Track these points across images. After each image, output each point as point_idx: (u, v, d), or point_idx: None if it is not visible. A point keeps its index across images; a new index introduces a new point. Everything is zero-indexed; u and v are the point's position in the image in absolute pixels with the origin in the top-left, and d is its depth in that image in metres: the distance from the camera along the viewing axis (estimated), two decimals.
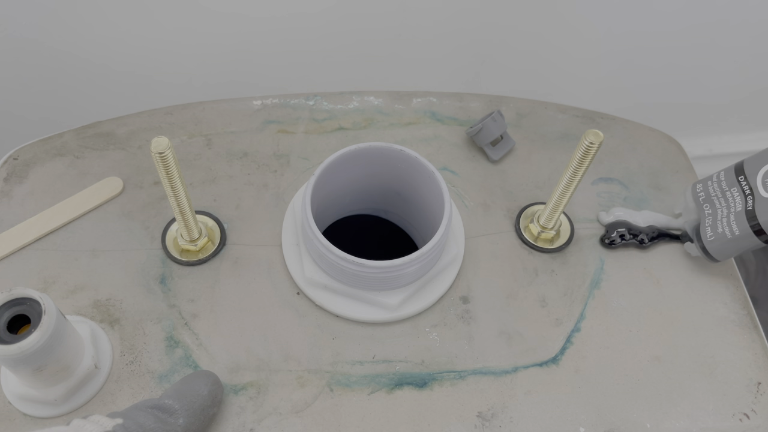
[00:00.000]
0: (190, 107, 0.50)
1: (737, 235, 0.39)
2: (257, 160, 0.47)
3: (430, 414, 0.37)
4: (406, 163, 0.42)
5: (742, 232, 0.39)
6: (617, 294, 0.43)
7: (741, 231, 0.39)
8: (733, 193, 0.40)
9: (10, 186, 0.45)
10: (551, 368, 0.39)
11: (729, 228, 0.39)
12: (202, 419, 0.34)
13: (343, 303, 0.40)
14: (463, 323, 0.41)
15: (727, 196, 0.40)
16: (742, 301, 0.43)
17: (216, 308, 0.41)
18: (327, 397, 0.38)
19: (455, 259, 0.42)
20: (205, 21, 0.65)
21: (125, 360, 0.38)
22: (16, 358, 0.31)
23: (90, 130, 0.48)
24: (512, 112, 0.51)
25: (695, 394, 0.39)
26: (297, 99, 0.51)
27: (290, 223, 0.43)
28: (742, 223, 0.39)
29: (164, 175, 0.36)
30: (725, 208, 0.40)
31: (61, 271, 0.41)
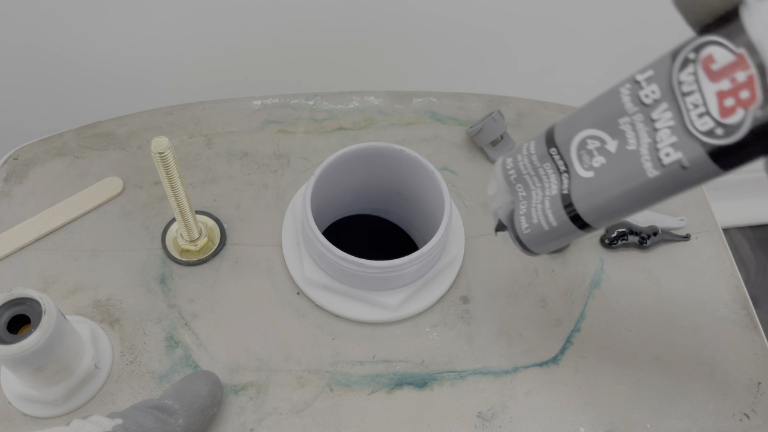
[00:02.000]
0: (190, 107, 0.50)
1: (555, 227, 0.30)
2: (257, 160, 0.47)
3: (430, 414, 0.37)
4: (406, 163, 0.42)
5: (559, 223, 0.30)
6: (617, 294, 0.43)
7: (558, 221, 0.30)
8: (547, 170, 0.31)
9: (10, 186, 0.45)
10: (551, 368, 0.39)
11: (544, 217, 0.31)
12: (202, 419, 0.34)
13: (343, 303, 0.40)
14: (463, 323, 0.41)
15: (541, 175, 0.31)
16: (742, 301, 0.43)
17: (216, 308, 0.41)
18: (327, 397, 0.38)
19: (455, 259, 0.42)
20: (205, 21, 0.65)
21: (125, 360, 0.38)
22: (16, 358, 0.31)
23: (90, 130, 0.48)
24: (512, 112, 0.51)
25: (695, 394, 0.39)
26: (297, 99, 0.51)
27: (290, 223, 0.43)
28: (558, 211, 0.30)
29: (164, 175, 0.36)
30: (540, 189, 0.31)
31: (61, 271, 0.41)
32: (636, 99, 0.27)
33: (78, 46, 0.65)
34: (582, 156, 0.29)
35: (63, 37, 0.64)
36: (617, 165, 0.28)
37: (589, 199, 0.29)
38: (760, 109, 0.22)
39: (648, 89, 0.26)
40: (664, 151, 0.26)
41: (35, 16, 0.62)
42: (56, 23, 0.63)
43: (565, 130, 0.30)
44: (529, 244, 0.33)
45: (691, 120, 0.25)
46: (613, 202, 0.28)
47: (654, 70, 0.26)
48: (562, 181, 0.30)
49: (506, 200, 0.34)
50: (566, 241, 0.31)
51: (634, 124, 0.27)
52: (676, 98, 0.25)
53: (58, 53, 0.66)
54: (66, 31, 0.64)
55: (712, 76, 0.24)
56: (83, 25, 0.63)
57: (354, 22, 0.68)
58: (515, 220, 0.33)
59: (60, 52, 0.66)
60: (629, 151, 0.27)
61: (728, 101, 0.23)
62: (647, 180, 0.26)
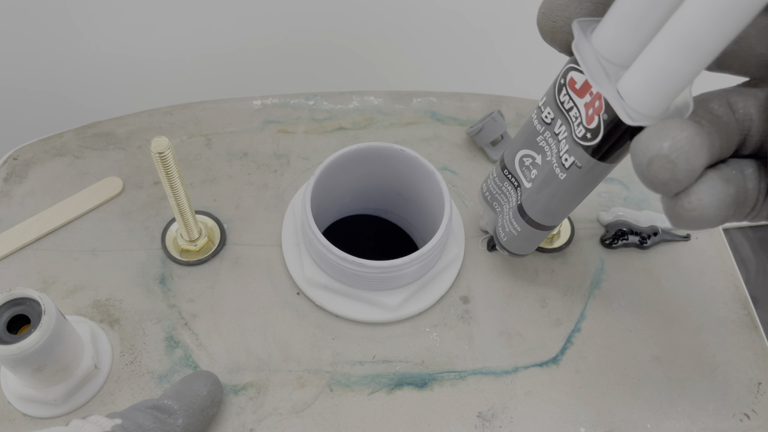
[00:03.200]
0: (190, 107, 0.50)
1: (521, 232, 0.37)
2: (257, 160, 0.47)
3: (430, 414, 0.37)
4: (406, 163, 0.42)
5: (522, 228, 0.37)
6: (617, 294, 0.43)
7: (521, 227, 0.37)
8: (507, 188, 0.38)
9: (10, 186, 0.45)
10: (551, 368, 0.39)
11: (512, 225, 0.38)
12: (202, 419, 0.34)
13: (343, 303, 0.40)
14: (463, 323, 0.41)
15: (505, 192, 0.38)
16: (743, 301, 0.43)
17: (216, 308, 0.41)
18: (327, 397, 0.38)
19: (455, 259, 0.42)
20: (205, 21, 0.65)
21: (125, 360, 0.38)
22: (16, 358, 0.31)
23: (90, 130, 0.48)
24: (512, 112, 0.51)
25: (695, 394, 0.39)
26: (297, 99, 0.51)
27: (290, 223, 0.43)
28: (518, 218, 0.37)
29: (164, 175, 0.36)
30: (507, 204, 0.38)
31: (61, 271, 0.41)
32: (541, 120, 0.33)
33: (78, 46, 0.65)
34: (524, 171, 0.36)
35: (63, 37, 0.64)
36: (543, 173, 0.34)
37: (533, 203, 0.35)
38: (605, 113, 0.28)
39: (545, 111, 0.33)
40: (564, 156, 0.32)
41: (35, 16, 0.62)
42: (56, 23, 0.63)
43: (510, 154, 0.37)
44: (510, 249, 0.40)
45: (574, 130, 0.31)
46: (546, 203, 0.35)
47: (546, 96, 0.33)
48: (517, 194, 0.37)
49: (491, 217, 0.41)
50: (534, 240, 0.38)
51: (547, 140, 0.33)
52: (564, 114, 0.31)
53: (58, 53, 0.66)
54: (66, 31, 0.64)
55: (578, 93, 0.30)
56: (83, 25, 0.63)
57: (354, 22, 0.68)
58: (497, 232, 0.40)
59: (60, 52, 0.66)
60: (548, 161, 0.33)
61: (590, 111, 0.29)
62: (560, 181, 0.33)
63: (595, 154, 0.30)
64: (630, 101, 0.27)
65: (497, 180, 0.39)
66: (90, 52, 0.66)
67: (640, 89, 0.26)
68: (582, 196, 0.33)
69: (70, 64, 0.67)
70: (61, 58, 0.66)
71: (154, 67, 0.69)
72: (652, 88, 0.26)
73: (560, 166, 0.32)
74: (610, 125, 0.28)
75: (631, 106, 0.27)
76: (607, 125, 0.28)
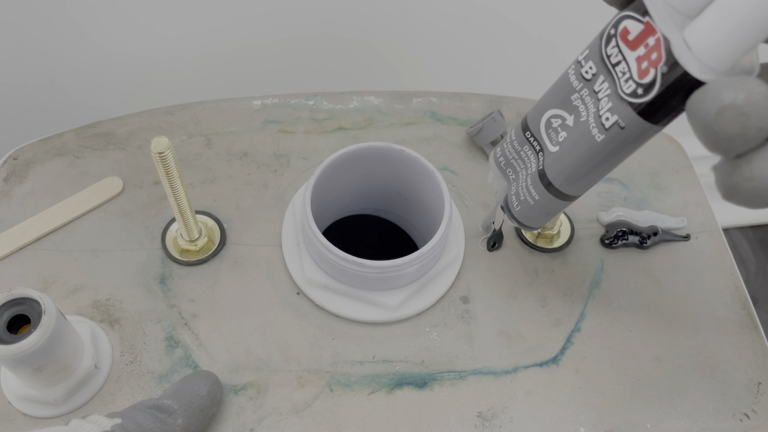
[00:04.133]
0: (190, 107, 0.50)
1: (538, 200, 0.35)
2: (257, 160, 0.47)
3: (430, 414, 0.37)
4: (406, 163, 0.42)
5: (541, 197, 0.34)
6: (617, 294, 0.43)
7: (540, 195, 0.34)
8: (527, 152, 0.35)
9: (10, 186, 0.45)
10: (551, 368, 0.39)
11: (529, 193, 0.35)
12: (201, 419, 0.34)
13: (343, 303, 0.40)
14: (463, 323, 0.41)
15: (523, 157, 0.36)
16: (742, 301, 0.43)
17: (216, 308, 0.41)
18: (327, 397, 0.38)
19: (455, 259, 0.42)
20: (205, 21, 0.65)
21: (125, 360, 0.38)
22: (16, 358, 0.31)
23: (90, 130, 0.48)
24: (512, 112, 0.51)
25: (695, 394, 0.39)
26: (297, 99, 0.51)
27: (290, 223, 0.43)
28: (537, 186, 0.34)
29: (164, 175, 0.36)
30: (524, 170, 0.36)
31: (61, 271, 0.41)
32: (579, 76, 0.31)
33: (78, 46, 0.65)
34: (550, 134, 0.33)
35: (63, 37, 0.64)
36: (574, 135, 0.32)
37: (558, 169, 0.33)
38: (665, 65, 0.26)
39: (586, 66, 0.30)
40: (605, 116, 0.29)
41: (35, 16, 0.62)
42: (56, 23, 0.63)
43: (535, 115, 0.34)
44: (522, 220, 0.37)
45: (621, 86, 0.28)
46: (575, 168, 0.32)
47: (589, 49, 0.30)
48: (539, 159, 0.34)
49: (502, 186, 0.38)
50: (551, 211, 0.35)
51: (583, 98, 0.31)
52: (609, 69, 0.29)
53: (58, 53, 0.66)
54: (66, 31, 0.64)
55: (630, 45, 0.28)
56: (83, 25, 0.63)
57: (354, 22, 0.68)
58: (508, 201, 0.37)
59: (60, 53, 0.66)
60: (582, 122, 0.31)
61: (644, 64, 0.27)
62: (596, 144, 0.30)
63: (644, 112, 0.27)
64: (698, 52, 0.24)
65: (515, 144, 0.36)
66: (90, 53, 0.66)
67: (712, 39, 0.24)
68: (616, 162, 0.31)
69: (70, 64, 0.67)
70: (61, 59, 0.66)
71: (155, 67, 0.69)
72: (727, 38, 0.24)
73: (599, 126, 0.30)
74: (670, 79, 0.26)
75: (699, 57, 0.24)
76: (665, 79, 0.26)
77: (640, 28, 0.27)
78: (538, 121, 0.34)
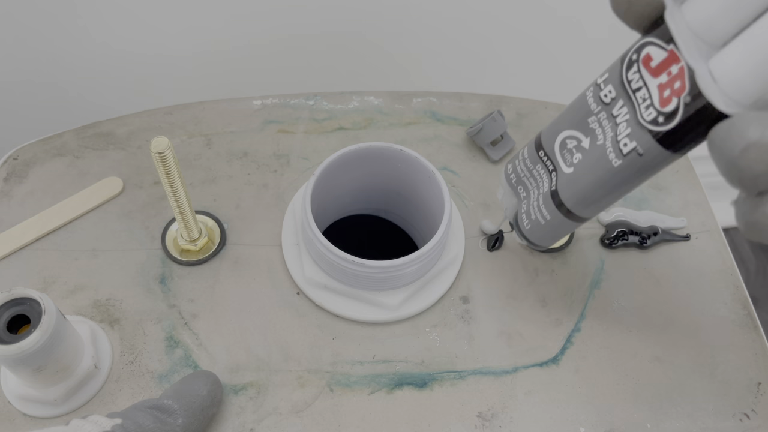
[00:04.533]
0: (190, 107, 0.50)
1: (549, 221, 0.34)
2: (257, 160, 0.47)
3: (430, 414, 0.37)
4: (406, 163, 0.42)
5: (552, 217, 0.34)
6: (617, 294, 0.43)
7: (551, 215, 0.34)
8: (539, 171, 0.35)
9: (10, 186, 0.45)
10: (551, 368, 0.39)
11: (540, 213, 0.35)
12: (202, 419, 0.34)
13: (343, 303, 0.40)
14: (463, 323, 0.41)
15: (535, 175, 0.35)
16: (742, 301, 0.43)
17: (216, 308, 0.41)
18: (327, 397, 0.38)
19: (455, 259, 0.42)
20: (205, 21, 0.65)
21: (125, 360, 0.38)
22: (16, 358, 0.31)
23: (90, 130, 0.48)
24: (512, 112, 0.51)
25: (695, 394, 0.39)
26: (297, 99, 0.51)
27: (290, 223, 0.43)
28: (549, 205, 0.34)
29: (164, 175, 0.36)
30: (536, 188, 0.35)
31: (61, 271, 0.41)
32: (598, 99, 0.30)
33: (78, 46, 0.65)
34: (564, 155, 0.33)
35: (63, 37, 0.64)
36: (590, 158, 0.31)
37: (571, 191, 0.32)
38: (689, 95, 0.25)
39: (606, 89, 0.30)
40: (623, 141, 0.29)
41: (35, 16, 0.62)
42: (56, 23, 0.63)
43: (549, 134, 0.34)
44: (532, 239, 0.37)
45: (641, 112, 0.28)
46: (589, 191, 0.32)
47: (609, 73, 0.30)
48: (552, 179, 0.34)
49: (512, 202, 0.38)
50: (562, 232, 0.35)
51: (600, 122, 0.30)
52: (629, 95, 0.29)
53: (58, 53, 0.66)
54: (66, 31, 0.64)
55: (652, 72, 0.27)
56: (83, 25, 0.63)
57: (354, 22, 0.68)
58: (518, 219, 0.37)
59: (60, 52, 0.66)
60: (598, 146, 0.30)
61: (666, 92, 0.26)
62: (613, 169, 0.30)
63: (663, 140, 0.27)
64: (724, 85, 0.24)
65: (528, 161, 0.35)
66: (90, 52, 0.66)
67: (739, 72, 0.23)
68: (632, 187, 0.30)
69: (70, 64, 0.67)
70: (61, 59, 0.66)
71: (155, 67, 0.69)
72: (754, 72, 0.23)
73: (616, 151, 0.29)
74: (692, 109, 0.25)
75: (725, 90, 0.24)
76: (687, 109, 0.25)
77: (663, 55, 0.26)
78: (552, 140, 0.33)
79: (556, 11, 0.70)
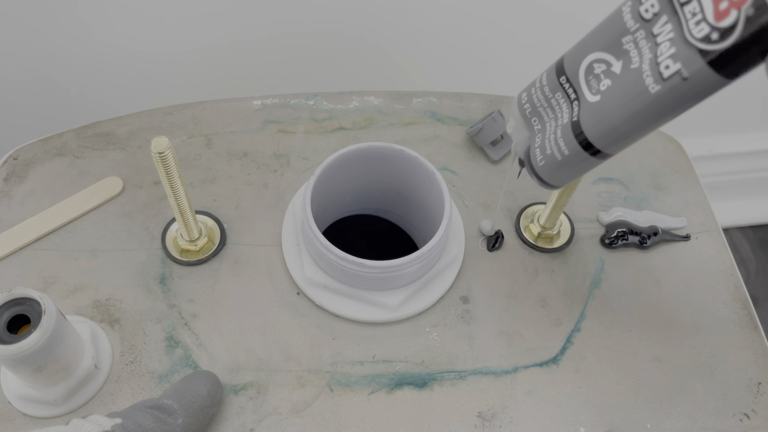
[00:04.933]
0: (190, 107, 0.50)
1: (567, 156, 0.31)
2: (257, 160, 0.47)
3: (430, 414, 0.37)
4: (406, 163, 0.42)
5: (571, 151, 0.30)
6: (617, 294, 0.43)
7: (570, 150, 0.30)
8: (559, 100, 0.31)
9: (10, 186, 0.45)
10: (551, 368, 0.39)
11: (557, 147, 0.31)
12: (202, 419, 0.34)
13: (343, 303, 0.40)
14: (463, 323, 0.41)
15: (553, 105, 0.32)
16: (742, 301, 0.43)
17: (216, 308, 0.41)
18: (327, 397, 0.38)
19: (455, 259, 0.42)
20: (205, 21, 0.65)
21: (125, 360, 0.38)
22: (16, 358, 0.31)
23: (90, 130, 0.48)
24: None
25: (695, 394, 0.39)
26: (297, 99, 0.51)
27: (290, 223, 0.43)
28: (568, 139, 0.30)
29: (164, 175, 0.36)
30: (553, 120, 0.32)
31: (61, 271, 0.41)
32: (636, 15, 0.27)
33: (78, 46, 0.65)
34: (590, 81, 0.29)
35: (63, 37, 0.64)
36: (622, 85, 0.27)
37: (597, 122, 0.29)
38: (752, 7, 0.22)
39: (647, 4, 0.26)
40: (664, 64, 0.25)
41: (35, 16, 0.62)
42: (56, 23, 0.63)
43: (574, 58, 0.30)
44: (544, 176, 0.33)
45: (689, 29, 0.24)
46: (617, 123, 0.28)
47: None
48: (572, 110, 0.30)
49: (524, 136, 0.34)
50: (578, 170, 0.32)
51: (637, 42, 0.27)
52: (675, 9, 0.25)
53: (58, 53, 0.66)
54: (66, 31, 0.64)
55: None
56: (83, 25, 0.63)
57: (354, 22, 0.68)
58: (531, 153, 0.33)
59: (60, 52, 0.66)
60: (632, 70, 0.27)
61: (723, 4, 0.23)
62: (650, 96, 0.26)
63: (716, 62, 0.24)
64: None
65: (546, 89, 0.32)
66: (90, 52, 0.66)
67: None
68: (668, 119, 0.27)
69: (70, 64, 0.67)
70: (61, 58, 0.66)
71: (154, 67, 0.69)
72: None
73: (654, 75, 0.26)
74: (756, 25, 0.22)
75: None
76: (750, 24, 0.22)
77: None
78: (577, 65, 0.30)
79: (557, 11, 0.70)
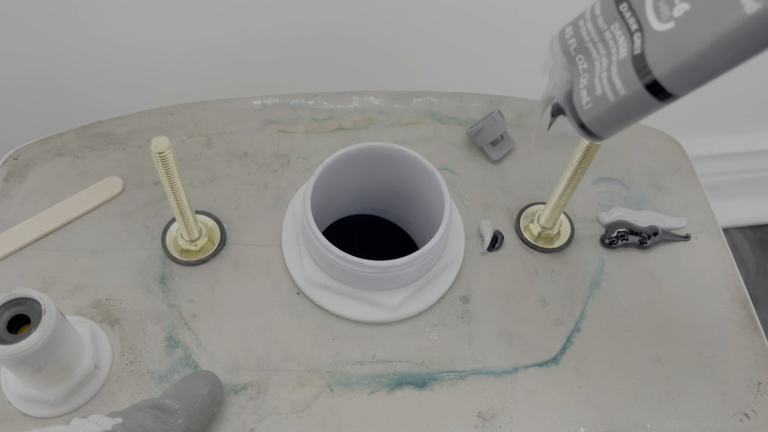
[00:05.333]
0: (190, 107, 0.50)
1: (623, 96, 0.26)
2: (257, 160, 0.47)
3: (430, 414, 0.37)
4: (406, 163, 0.42)
5: (629, 91, 0.26)
6: (617, 294, 0.43)
7: (628, 89, 0.26)
8: (614, 32, 0.27)
9: (10, 186, 0.45)
10: (551, 368, 0.39)
11: (611, 86, 0.27)
12: (202, 419, 0.34)
13: (343, 303, 0.40)
14: (463, 323, 0.41)
15: (607, 39, 0.27)
16: (742, 301, 0.43)
17: (216, 308, 0.41)
18: (327, 397, 0.38)
19: (455, 259, 0.42)
20: (205, 21, 0.65)
21: (125, 360, 0.38)
22: (16, 358, 0.31)
23: (90, 130, 0.48)
24: (512, 112, 0.51)
25: (695, 394, 0.39)
26: (297, 99, 0.51)
27: (290, 223, 0.43)
28: (627, 75, 0.26)
29: (164, 175, 0.36)
30: (605, 57, 0.27)
31: (61, 271, 0.41)
32: None
33: (78, 46, 0.65)
34: (659, 7, 0.24)
35: (63, 37, 0.64)
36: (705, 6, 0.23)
37: (668, 53, 0.24)
38: None
39: None
40: None
41: (35, 16, 0.62)
42: (56, 23, 0.63)
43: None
44: (590, 123, 0.28)
45: None
46: (698, 53, 0.23)
47: None
48: (633, 42, 0.26)
49: (563, 78, 0.30)
50: (631, 116, 0.27)
51: None
52: None
53: (58, 53, 0.66)
54: (66, 31, 0.64)
55: None
56: (83, 25, 0.63)
57: (354, 22, 0.68)
58: (574, 97, 0.29)
59: (60, 52, 0.66)
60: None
61: None
62: (744, 18, 0.21)
63: None
64: None
65: (600, 20, 0.28)
66: (90, 52, 0.66)
67: None
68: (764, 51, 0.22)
69: (70, 64, 0.67)
70: (62, 58, 0.66)
71: (154, 67, 0.69)
72: None
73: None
74: None
75: None
76: None
77: None
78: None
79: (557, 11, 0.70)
